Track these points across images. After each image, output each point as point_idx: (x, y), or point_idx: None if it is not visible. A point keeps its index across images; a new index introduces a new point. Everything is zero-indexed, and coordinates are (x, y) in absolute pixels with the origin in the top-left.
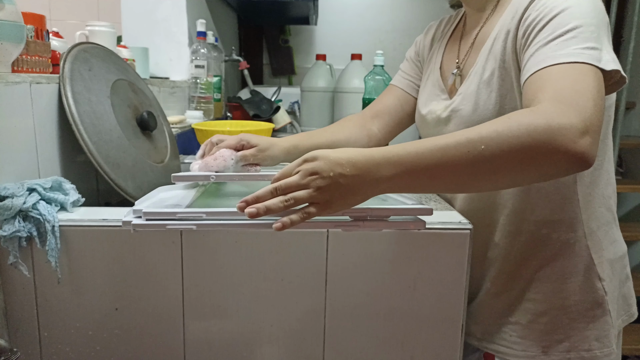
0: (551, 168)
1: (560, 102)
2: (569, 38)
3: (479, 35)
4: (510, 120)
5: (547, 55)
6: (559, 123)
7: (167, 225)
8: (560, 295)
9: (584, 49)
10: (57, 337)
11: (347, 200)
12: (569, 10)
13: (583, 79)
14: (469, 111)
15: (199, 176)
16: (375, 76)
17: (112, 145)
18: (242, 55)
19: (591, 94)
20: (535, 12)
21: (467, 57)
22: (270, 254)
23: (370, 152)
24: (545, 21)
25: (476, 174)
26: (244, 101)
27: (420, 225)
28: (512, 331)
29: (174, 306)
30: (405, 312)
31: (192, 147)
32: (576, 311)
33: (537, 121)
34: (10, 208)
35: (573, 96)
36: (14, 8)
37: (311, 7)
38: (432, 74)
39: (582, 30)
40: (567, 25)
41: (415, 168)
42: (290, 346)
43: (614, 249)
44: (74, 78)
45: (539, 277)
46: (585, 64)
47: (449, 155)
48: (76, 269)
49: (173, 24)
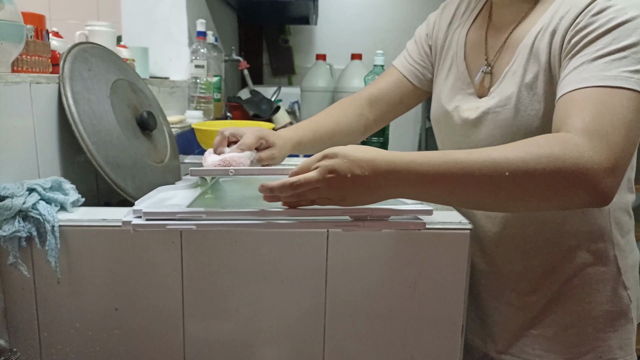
0: (571, 203)
1: (594, 137)
2: (619, 58)
3: (514, 32)
4: (540, 150)
5: (592, 74)
6: (587, 162)
7: (167, 225)
8: (588, 306)
9: (633, 72)
10: (57, 337)
11: (361, 197)
12: (628, 24)
13: (622, 110)
14: (509, 116)
15: (218, 170)
16: (375, 76)
17: (112, 145)
18: (242, 55)
19: (627, 129)
20: (591, 19)
21: (499, 54)
22: (270, 254)
23: (392, 157)
24: (599, 32)
25: (497, 196)
26: (244, 101)
27: (420, 226)
28: (536, 344)
29: (174, 306)
30: (405, 312)
31: (192, 147)
32: (602, 322)
33: (566, 157)
34: (10, 208)
35: (608, 131)
36: (14, 8)
37: (311, 7)
38: (455, 65)
39: (638, 49)
40: (621, 42)
41: (435, 180)
42: (290, 346)
43: (634, 255)
44: (74, 78)
45: (566, 288)
46: (630, 90)
47: (472, 173)
48: (76, 269)
49: (173, 23)
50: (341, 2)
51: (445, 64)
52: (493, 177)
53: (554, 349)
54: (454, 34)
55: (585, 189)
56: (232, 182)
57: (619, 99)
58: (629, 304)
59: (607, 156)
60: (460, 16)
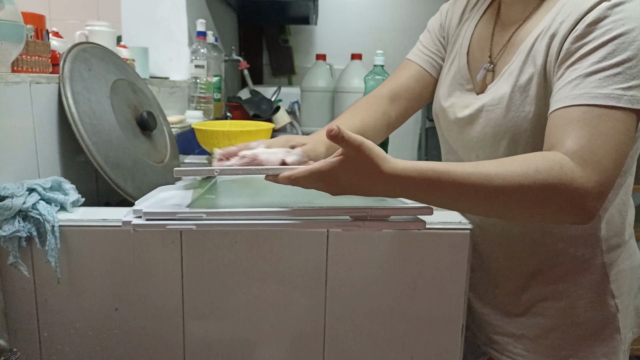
0: (556, 220)
1: (587, 164)
2: (614, 74)
3: (518, 32)
4: (537, 174)
5: (586, 90)
6: (579, 188)
7: (167, 225)
8: (572, 312)
9: (627, 88)
10: (57, 337)
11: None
12: (623, 37)
13: (613, 133)
14: (499, 116)
15: (203, 170)
16: (375, 76)
17: (112, 145)
18: (242, 55)
19: (617, 154)
20: (588, 29)
21: (502, 53)
22: (270, 254)
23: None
24: (595, 45)
25: (489, 209)
26: (244, 101)
27: (421, 225)
28: (519, 343)
29: (174, 306)
30: (405, 312)
31: (191, 147)
32: (586, 328)
33: (560, 182)
34: (10, 208)
35: (600, 157)
36: (14, 8)
37: (311, 7)
38: (458, 59)
39: (631, 64)
40: (616, 57)
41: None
42: (290, 346)
43: (631, 262)
44: (74, 78)
45: (550, 292)
46: (622, 109)
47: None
48: (76, 269)
49: (173, 23)
50: (341, 2)
51: (451, 56)
52: (488, 194)
53: (536, 350)
54: (462, 26)
55: (572, 211)
56: (232, 182)
57: (611, 121)
58: (615, 312)
59: (597, 182)
60: (470, 9)
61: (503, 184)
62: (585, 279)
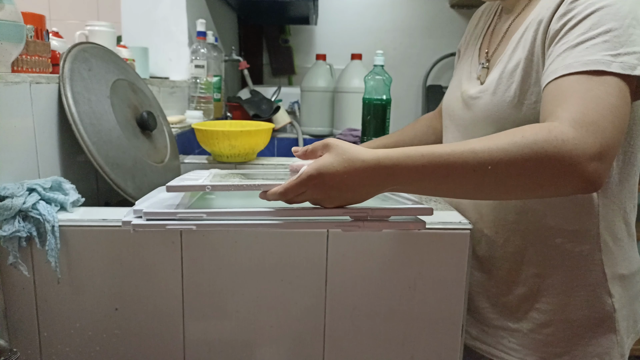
0: (557, 191)
1: (579, 125)
2: (601, 42)
3: (512, 25)
4: (523, 139)
5: (575, 59)
6: (571, 149)
7: (167, 225)
8: (566, 308)
9: (616, 55)
10: (57, 338)
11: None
12: (606, 9)
13: (606, 97)
14: (487, 101)
15: (194, 187)
16: (376, 76)
17: (112, 145)
18: (242, 55)
19: (613, 115)
20: (571, 5)
21: (498, 47)
22: (270, 254)
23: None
24: (579, 18)
25: (481, 188)
26: (244, 101)
27: (421, 226)
28: (511, 337)
29: (173, 306)
30: (405, 312)
31: (191, 147)
32: (581, 326)
33: (549, 145)
34: (10, 208)
35: (593, 118)
36: (14, 8)
37: (311, 7)
38: (472, 49)
39: (618, 33)
40: (602, 27)
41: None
42: (290, 346)
43: (629, 265)
44: (74, 78)
45: (546, 286)
46: (613, 74)
47: (454, 167)
48: (76, 269)
49: (173, 23)
50: (341, 2)
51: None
52: (476, 169)
53: (529, 345)
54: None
55: (569, 176)
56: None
57: (603, 85)
58: (612, 312)
59: (593, 142)
60: (487, 13)
61: (490, 156)
62: (582, 275)
